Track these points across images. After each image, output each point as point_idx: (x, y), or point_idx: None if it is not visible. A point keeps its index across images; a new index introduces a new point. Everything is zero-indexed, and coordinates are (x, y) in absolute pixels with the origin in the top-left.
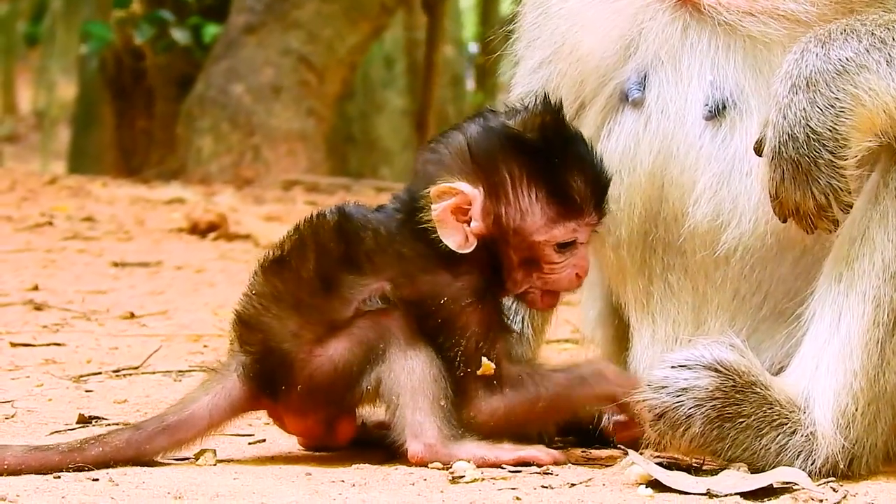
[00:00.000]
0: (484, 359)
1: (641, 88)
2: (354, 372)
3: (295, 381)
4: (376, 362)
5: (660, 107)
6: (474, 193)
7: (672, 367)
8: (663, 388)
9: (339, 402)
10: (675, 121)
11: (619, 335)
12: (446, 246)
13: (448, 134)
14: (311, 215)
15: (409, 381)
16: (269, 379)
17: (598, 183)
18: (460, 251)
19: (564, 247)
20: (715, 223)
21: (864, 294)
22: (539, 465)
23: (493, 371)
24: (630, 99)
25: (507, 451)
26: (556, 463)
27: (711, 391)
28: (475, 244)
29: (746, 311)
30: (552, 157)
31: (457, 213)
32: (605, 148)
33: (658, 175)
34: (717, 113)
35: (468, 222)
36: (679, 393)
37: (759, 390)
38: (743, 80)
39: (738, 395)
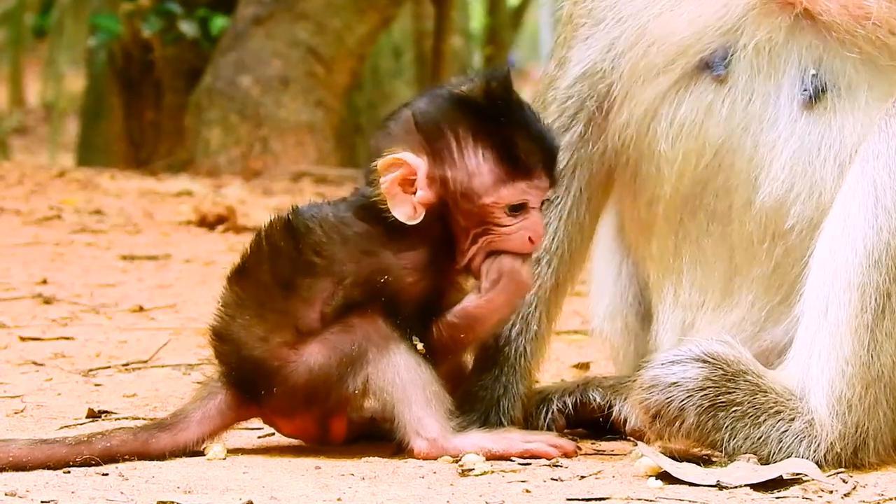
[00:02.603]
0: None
1: (726, 66)
2: (334, 376)
3: (272, 386)
4: (357, 365)
5: (744, 85)
6: (417, 163)
7: (661, 364)
8: (653, 386)
9: (323, 404)
10: (761, 100)
11: (628, 328)
12: (393, 221)
13: (398, 110)
14: (269, 218)
15: (396, 376)
16: (249, 386)
17: (546, 146)
18: (409, 223)
19: (516, 210)
20: (788, 197)
21: (848, 282)
22: (548, 459)
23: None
24: (714, 73)
25: (515, 442)
26: (565, 455)
27: (700, 381)
28: (423, 214)
29: (780, 284)
30: (499, 118)
31: (404, 184)
32: (670, 114)
33: (724, 146)
34: (815, 97)
35: (415, 193)
36: (669, 388)
37: (750, 378)
38: (853, 71)
39: (728, 384)
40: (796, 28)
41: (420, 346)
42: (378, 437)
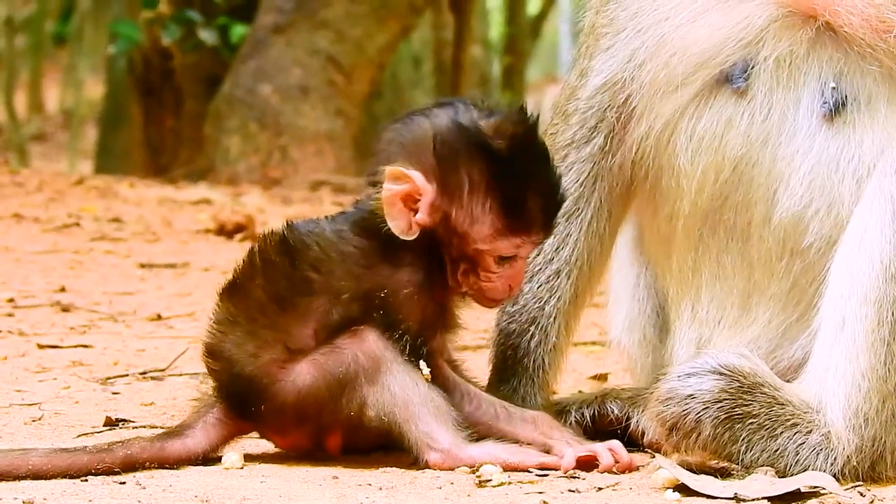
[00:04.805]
0: (422, 363)
1: (746, 78)
2: (324, 397)
3: (261, 403)
4: (349, 388)
5: (764, 98)
6: (426, 187)
7: (678, 376)
8: (670, 398)
9: (315, 423)
10: (780, 114)
11: (646, 340)
12: (389, 236)
13: (415, 118)
14: (262, 234)
15: (394, 397)
16: (240, 402)
17: (553, 203)
18: (402, 237)
19: (504, 259)
20: (807, 213)
21: (865, 296)
22: (565, 472)
23: (429, 378)
24: (734, 86)
25: (531, 454)
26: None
27: (717, 393)
28: (417, 234)
29: (798, 301)
30: (514, 170)
31: (406, 200)
32: (689, 128)
33: (743, 160)
34: (835, 112)
35: (415, 212)
36: (685, 400)
37: (767, 390)
38: (873, 85)
39: (745, 396)
40: (818, 41)
41: (427, 371)
42: (396, 447)
